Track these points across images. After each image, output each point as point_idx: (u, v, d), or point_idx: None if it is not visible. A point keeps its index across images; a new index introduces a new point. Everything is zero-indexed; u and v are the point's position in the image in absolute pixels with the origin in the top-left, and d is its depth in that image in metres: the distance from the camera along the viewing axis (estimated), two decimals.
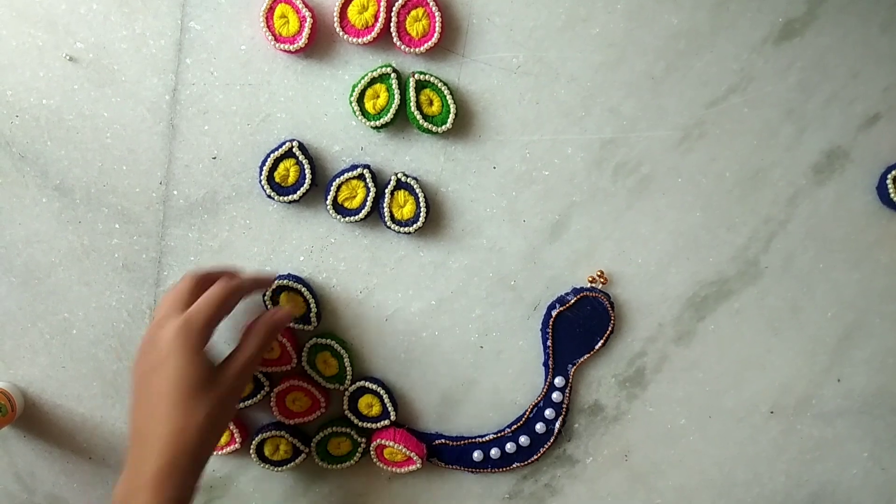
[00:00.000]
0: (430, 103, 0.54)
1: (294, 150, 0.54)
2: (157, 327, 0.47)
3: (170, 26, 0.54)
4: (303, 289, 0.55)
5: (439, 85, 0.54)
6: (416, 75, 0.53)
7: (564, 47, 0.55)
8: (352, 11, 0.52)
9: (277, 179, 0.54)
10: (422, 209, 0.55)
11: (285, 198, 0.54)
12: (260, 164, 0.54)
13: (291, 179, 0.54)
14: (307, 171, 0.54)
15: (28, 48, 0.54)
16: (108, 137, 0.55)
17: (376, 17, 0.52)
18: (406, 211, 0.55)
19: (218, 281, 0.50)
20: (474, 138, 0.56)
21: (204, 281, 0.50)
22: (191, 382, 0.46)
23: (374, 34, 0.52)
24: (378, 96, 0.54)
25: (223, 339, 0.57)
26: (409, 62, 0.55)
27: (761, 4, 0.55)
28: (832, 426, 0.60)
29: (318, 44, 0.54)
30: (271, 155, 0.54)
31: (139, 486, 0.44)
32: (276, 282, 0.55)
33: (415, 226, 0.55)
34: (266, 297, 0.56)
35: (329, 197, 0.54)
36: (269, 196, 0.54)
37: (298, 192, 0.54)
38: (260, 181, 0.54)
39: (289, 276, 0.56)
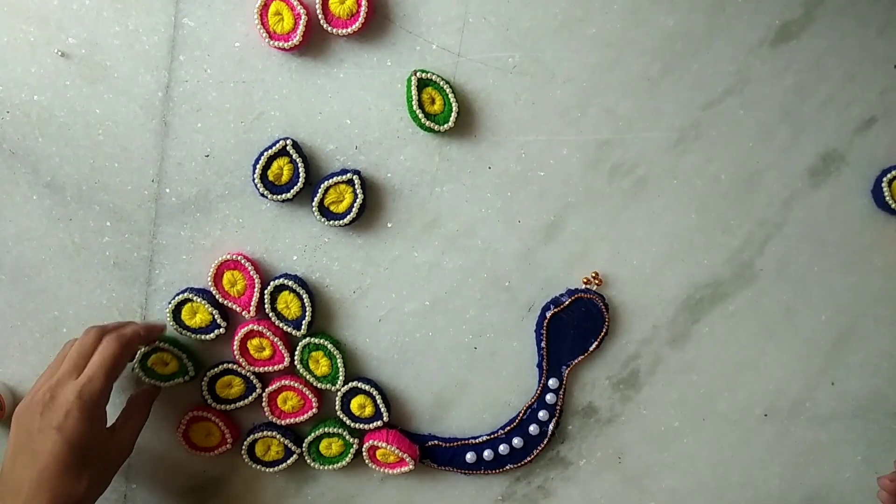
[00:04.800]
0: (432, 102, 0.54)
1: (288, 148, 0.53)
2: (55, 386, 0.48)
3: (163, 23, 0.53)
4: (300, 289, 0.55)
5: (441, 83, 0.53)
6: (417, 73, 0.53)
7: (560, 48, 0.55)
8: (333, 3, 0.52)
9: (271, 178, 0.54)
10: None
11: (278, 196, 0.54)
12: (253, 162, 0.54)
13: (285, 178, 0.54)
14: (301, 170, 0.54)
15: (20, 44, 0.53)
16: (100, 134, 0.55)
17: (359, 3, 0.52)
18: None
19: (108, 337, 0.50)
20: (470, 138, 0.56)
21: (102, 337, 0.51)
22: (85, 450, 0.47)
23: (360, 21, 0.52)
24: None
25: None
26: (409, 61, 0.54)
27: (758, 6, 0.55)
28: (826, 429, 0.60)
29: (312, 42, 0.54)
30: (265, 153, 0.53)
31: None
32: (165, 330, 0.56)
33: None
34: (267, 299, 0.55)
35: (315, 199, 0.54)
36: (263, 195, 0.54)
37: (292, 191, 0.54)
38: (253, 180, 0.54)
39: (284, 276, 0.56)
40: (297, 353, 0.56)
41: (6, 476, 0.47)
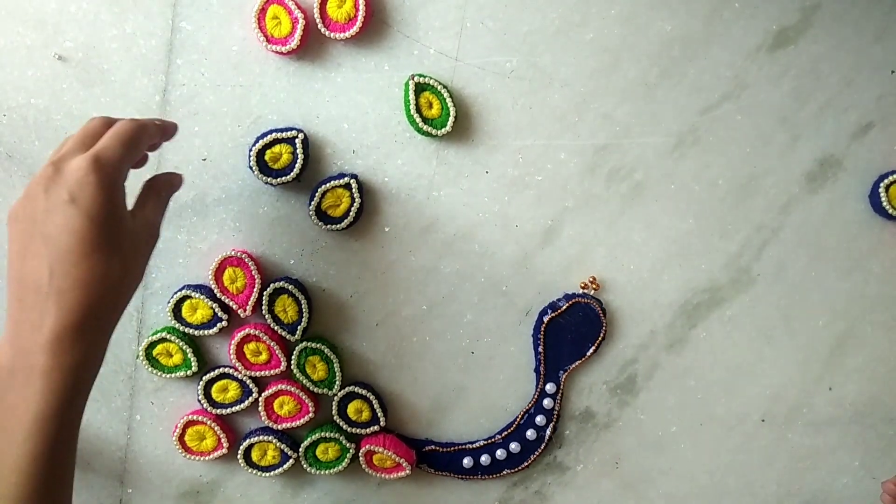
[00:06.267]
0: (430, 106, 0.54)
1: (296, 139, 0.53)
2: (57, 163, 0.39)
3: (160, 26, 0.53)
4: (299, 294, 0.55)
5: (438, 88, 0.53)
6: (415, 78, 0.53)
7: (558, 52, 0.55)
8: (331, 7, 0.52)
9: (267, 158, 0.53)
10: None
11: (263, 177, 0.53)
12: (261, 134, 0.53)
13: (279, 165, 0.53)
14: (297, 165, 0.53)
15: (17, 47, 0.53)
16: None
17: (356, 7, 0.52)
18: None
19: (121, 120, 0.43)
20: (467, 143, 0.56)
21: (111, 123, 0.43)
22: (109, 224, 0.38)
23: (358, 25, 0.52)
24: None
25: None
26: (406, 65, 0.54)
27: (755, 12, 0.55)
28: (823, 435, 0.60)
29: (309, 45, 0.54)
30: (274, 134, 0.53)
31: (37, 346, 0.37)
32: (176, 131, 0.48)
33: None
34: (265, 301, 0.55)
35: (312, 203, 0.54)
36: (250, 167, 0.53)
37: (279, 179, 0.53)
38: (251, 148, 0.53)
39: (285, 279, 0.55)
40: (293, 357, 0.56)
41: (17, 276, 0.38)
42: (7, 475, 0.37)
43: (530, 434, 0.58)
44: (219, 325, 0.55)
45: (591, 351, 0.58)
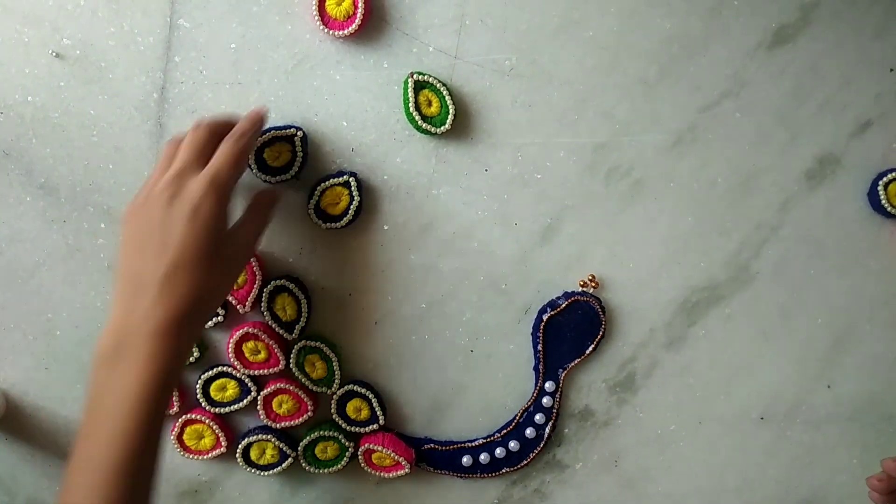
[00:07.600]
0: (429, 104, 0.54)
1: (295, 137, 0.53)
2: (179, 177, 0.45)
3: (158, 24, 0.53)
4: (299, 293, 0.55)
5: (438, 86, 0.53)
6: (414, 76, 0.53)
7: (557, 50, 0.55)
8: (330, 5, 0.52)
9: (265, 156, 0.53)
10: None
11: (262, 175, 0.53)
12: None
13: (278, 163, 0.53)
14: (296, 163, 0.53)
15: (14, 44, 0.53)
16: (95, 135, 0.54)
17: (355, 5, 0.52)
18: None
19: (228, 138, 0.48)
20: (466, 141, 0.56)
21: (218, 131, 0.48)
22: (217, 239, 0.45)
23: (357, 22, 0.52)
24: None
25: None
26: (405, 63, 0.54)
27: (755, 10, 0.55)
28: (822, 433, 0.60)
29: (308, 43, 0.54)
30: (272, 132, 0.53)
31: (146, 333, 0.42)
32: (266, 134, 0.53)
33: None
34: (264, 299, 0.55)
35: (312, 201, 0.54)
36: (248, 165, 0.53)
37: (277, 177, 0.53)
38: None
39: (286, 277, 0.55)
40: (292, 355, 0.56)
41: (128, 272, 0.44)
42: (105, 447, 0.41)
43: (529, 432, 0.58)
44: (214, 319, 0.55)
45: (590, 349, 0.58)
